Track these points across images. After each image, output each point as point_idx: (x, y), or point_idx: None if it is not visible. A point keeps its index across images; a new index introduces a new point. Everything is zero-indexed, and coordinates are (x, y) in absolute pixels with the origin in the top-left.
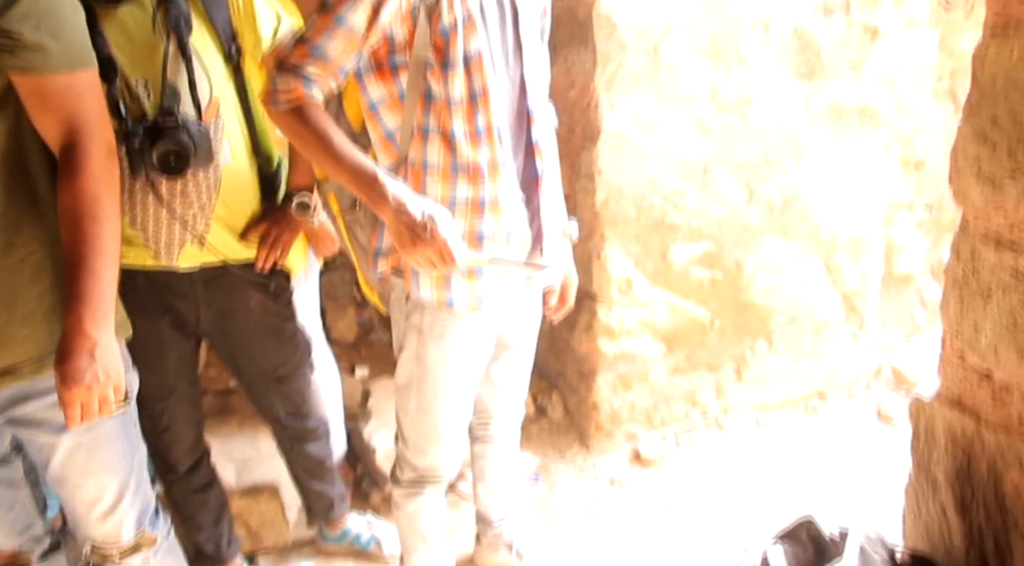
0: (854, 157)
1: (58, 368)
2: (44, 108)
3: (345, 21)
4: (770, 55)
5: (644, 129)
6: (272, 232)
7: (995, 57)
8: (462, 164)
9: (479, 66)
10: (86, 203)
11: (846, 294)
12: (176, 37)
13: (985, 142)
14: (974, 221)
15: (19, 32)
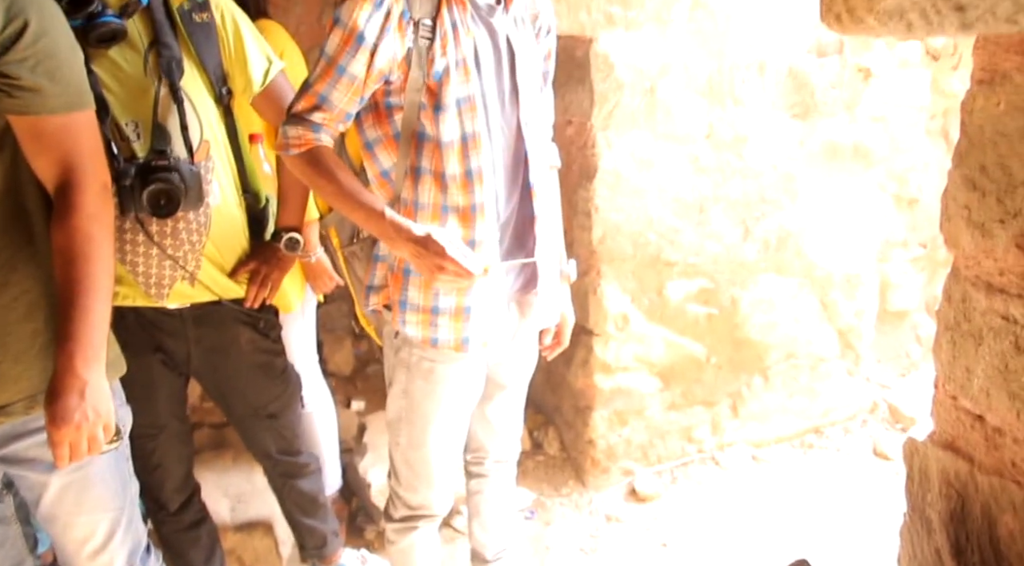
0: (849, 195)
1: (47, 407)
2: (40, 148)
3: (346, 70)
4: (765, 95)
5: (641, 167)
6: (261, 270)
7: (982, 107)
8: (452, 205)
9: (471, 109)
10: (80, 242)
11: (841, 330)
12: (168, 80)
13: (975, 189)
14: (965, 266)
15: (17, 75)
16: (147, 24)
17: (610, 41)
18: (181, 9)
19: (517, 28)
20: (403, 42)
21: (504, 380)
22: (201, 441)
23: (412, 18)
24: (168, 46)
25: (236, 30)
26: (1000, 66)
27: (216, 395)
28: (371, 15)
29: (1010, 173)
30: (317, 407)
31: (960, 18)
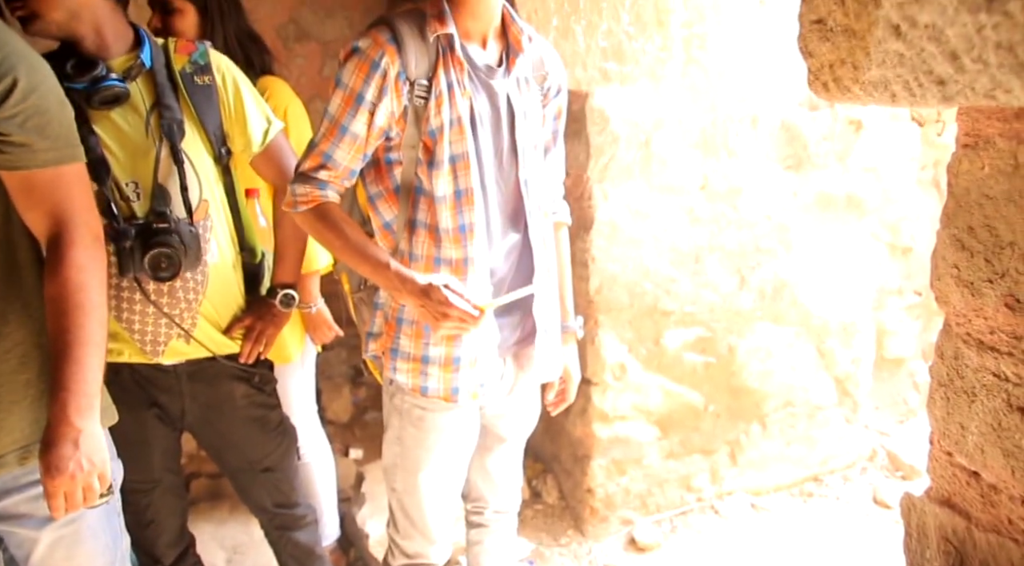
0: (843, 244)
1: (42, 457)
2: (32, 202)
3: (348, 129)
4: (758, 147)
5: (637, 218)
6: (256, 326)
7: (968, 170)
8: (445, 258)
9: (465, 167)
10: (71, 292)
11: (839, 378)
12: (169, 141)
13: (963, 249)
14: (956, 323)
15: (7, 131)
16: (149, 86)
17: (605, 96)
18: (183, 72)
19: (520, 89)
20: (400, 101)
21: (504, 432)
22: (198, 491)
23: (408, 78)
24: (170, 108)
25: (236, 92)
26: (983, 131)
27: (211, 450)
28: (369, 76)
29: (997, 234)
30: (316, 457)
31: (941, 91)
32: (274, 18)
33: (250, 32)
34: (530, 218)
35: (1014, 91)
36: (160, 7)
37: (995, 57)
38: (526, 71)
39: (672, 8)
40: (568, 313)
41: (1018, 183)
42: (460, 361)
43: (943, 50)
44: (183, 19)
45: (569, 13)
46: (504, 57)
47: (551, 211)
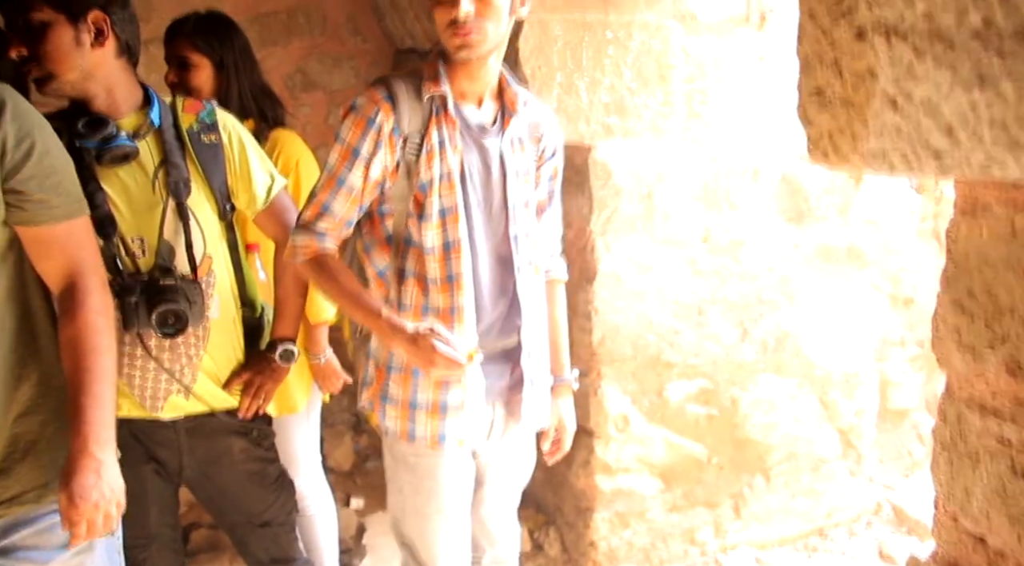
0: (844, 295)
1: (65, 487)
2: (48, 254)
3: (345, 182)
4: (760, 200)
5: (639, 270)
6: (255, 381)
7: (966, 236)
8: (433, 306)
9: (454, 220)
10: (89, 335)
11: (842, 430)
12: (175, 198)
13: (963, 313)
14: (958, 386)
15: (26, 190)
16: (158, 144)
17: (608, 150)
18: (191, 130)
19: (514, 149)
20: (393, 155)
21: (495, 479)
22: (197, 542)
23: (402, 133)
24: (177, 166)
25: (242, 150)
26: (981, 198)
27: (209, 504)
28: (365, 131)
29: (996, 299)
30: (319, 510)
31: (938, 163)
32: (282, 68)
33: (264, 87)
34: (519, 272)
35: (1009, 166)
36: (177, 62)
37: (989, 133)
38: (520, 132)
39: (674, 64)
40: (563, 366)
41: (1016, 249)
42: (447, 408)
43: (939, 124)
44: (199, 74)
45: (573, 70)
46: (499, 117)
47: (546, 267)
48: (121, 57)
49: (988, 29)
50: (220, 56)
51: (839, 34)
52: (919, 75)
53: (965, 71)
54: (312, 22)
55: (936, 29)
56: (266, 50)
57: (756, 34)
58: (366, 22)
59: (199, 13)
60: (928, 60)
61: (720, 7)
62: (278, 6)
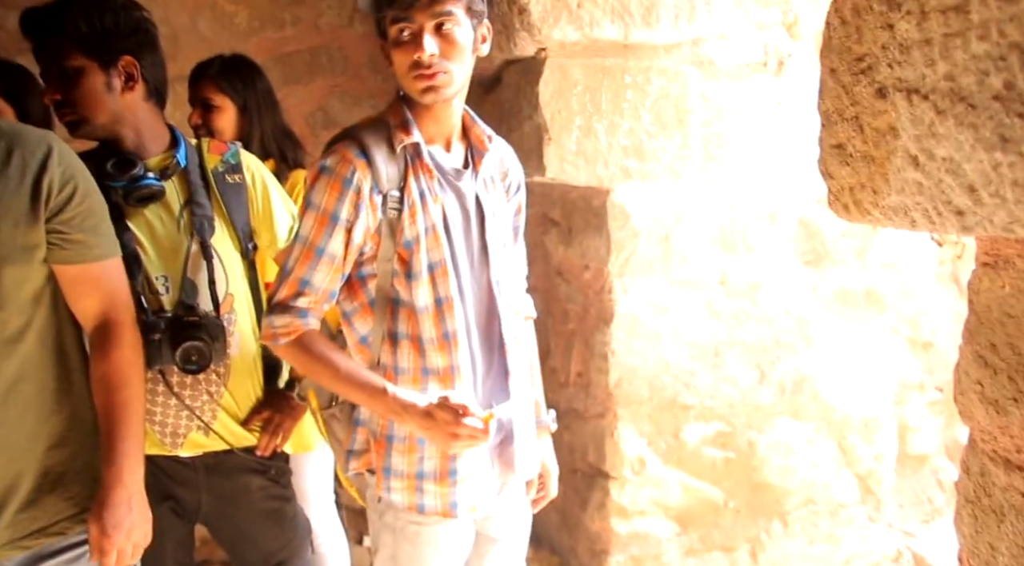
0: (863, 339)
1: (98, 518)
2: (84, 292)
3: (325, 251)
4: (777, 243)
5: (656, 312)
6: (274, 419)
7: (988, 288)
8: (432, 367)
9: (443, 274)
10: (123, 370)
11: (861, 475)
12: (199, 238)
13: (986, 366)
14: (981, 439)
15: (68, 231)
16: (183, 184)
17: (626, 192)
18: (215, 170)
19: (487, 188)
20: (375, 215)
21: (495, 534)
22: None
23: (381, 191)
24: (202, 205)
25: (265, 190)
26: (1002, 252)
27: (225, 542)
28: (343, 194)
29: (1020, 353)
30: (331, 548)
31: (960, 221)
32: (304, 106)
33: (285, 128)
34: (503, 319)
35: None
36: (201, 104)
37: (1012, 193)
38: (491, 170)
39: (692, 108)
40: (540, 407)
41: None
42: (456, 474)
43: (961, 183)
44: (223, 116)
45: (592, 113)
46: (470, 158)
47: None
48: (149, 100)
49: (1009, 92)
50: (243, 99)
51: (860, 91)
52: (940, 134)
53: (987, 132)
54: (334, 61)
55: (957, 90)
56: (288, 88)
57: (773, 80)
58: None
59: (224, 56)
60: (949, 120)
61: (738, 53)
62: (301, 46)
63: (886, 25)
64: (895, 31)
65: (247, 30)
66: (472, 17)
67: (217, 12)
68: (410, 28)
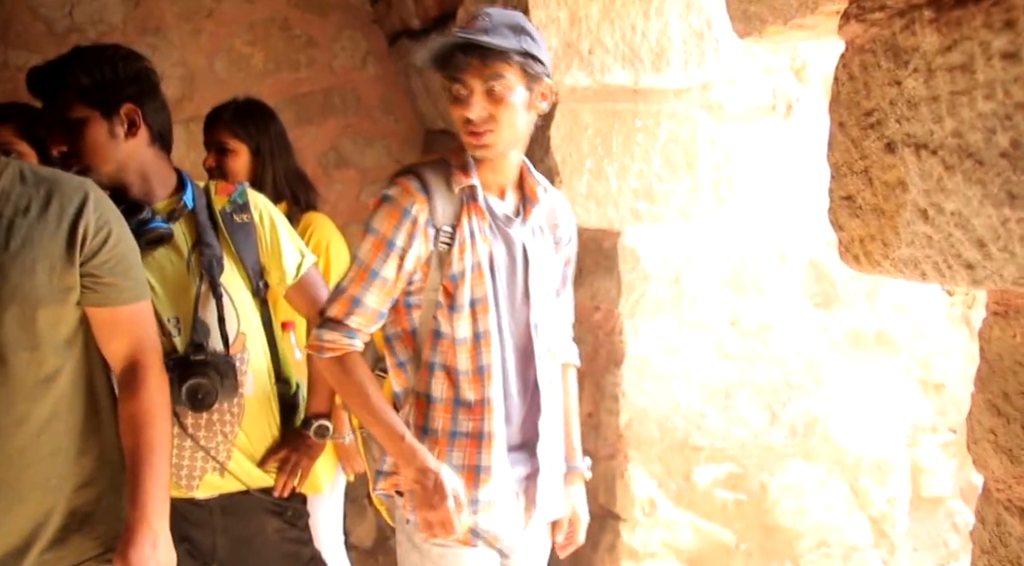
0: (874, 380)
1: (123, 557)
2: (115, 334)
3: (379, 274)
4: (787, 285)
5: (667, 354)
6: (292, 458)
7: (999, 337)
8: (464, 399)
9: (484, 310)
10: (149, 411)
11: (874, 518)
12: (208, 277)
13: (999, 415)
14: (996, 489)
15: (101, 274)
16: (191, 226)
17: (637, 234)
18: (223, 211)
19: (535, 237)
20: (427, 246)
21: None
22: None
23: (435, 225)
24: (210, 246)
25: (273, 228)
26: (1013, 302)
27: None
28: (400, 223)
29: None
30: None
31: (970, 275)
32: (317, 146)
33: (298, 171)
34: (539, 360)
35: None
36: (215, 148)
37: (1021, 249)
38: (540, 220)
39: (701, 152)
40: (576, 453)
41: None
42: (478, 503)
43: (970, 237)
44: (236, 159)
45: (603, 156)
46: (521, 207)
47: (560, 352)
48: (154, 145)
49: (1016, 150)
50: (257, 142)
51: (869, 145)
52: (949, 189)
53: (995, 188)
54: (347, 102)
55: (965, 146)
56: (301, 129)
57: (782, 123)
58: (399, 103)
59: (238, 101)
60: (958, 175)
61: (746, 97)
62: (315, 87)
63: (894, 82)
64: (903, 88)
65: (262, 71)
66: (526, 78)
67: (234, 54)
68: (464, 88)
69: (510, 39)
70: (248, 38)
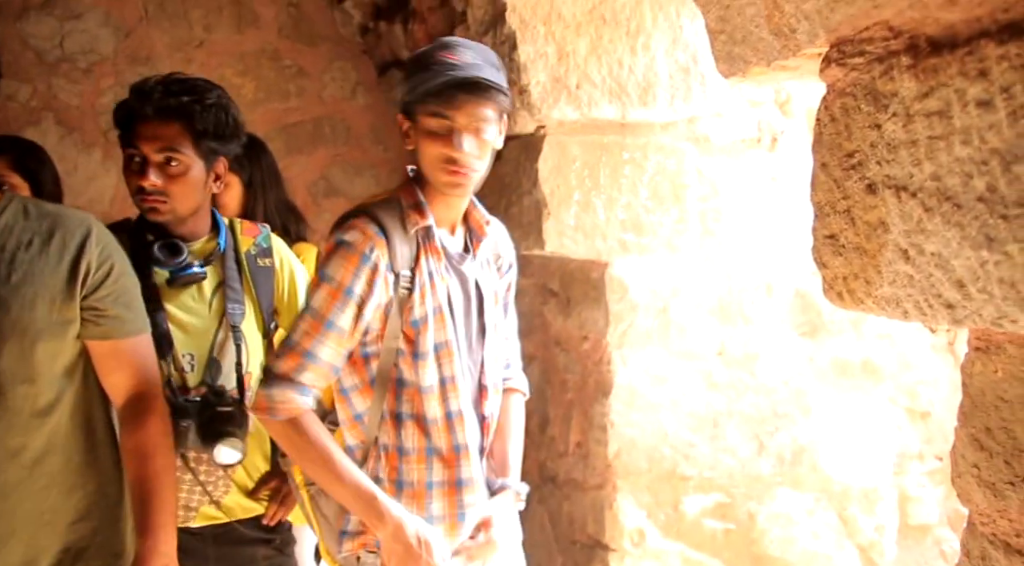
0: (861, 409)
1: None
2: (116, 367)
3: (335, 324)
4: (774, 314)
5: (655, 383)
6: (282, 489)
7: (981, 372)
8: (436, 447)
9: (448, 354)
10: (155, 442)
11: (862, 546)
12: (229, 320)
13: (982, 449)
14: (980, 522)
15: (103, 307)
16: (218, 267)
17: (624, 265)
18: (248, 253)
19: (483, 270)
20: (387, 293)
21: None
22: None
23: (394, 270)
24: (235, 290)
25: (292, 276)
26: (994, 337)
27: None
28: (359, 269)
29: (1015, 437)
30: None
31: (951, 314)
32: (306, 175)
33: (288, 203)
34: (488, 395)
35: (1020, 321)
36: None
37: (999, 290)
38: (487, 253)
39: (688, 184)
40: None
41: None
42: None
43: (950, 278)
44: (228, 192)
45: (590, 188)
46: (469, 241)
47: (505, 380)
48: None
49: (992, 194)
50: (249, 174)
51: (851, 186)
52: (929, 230)
53: (973, 231)
54: (336, 132)
55: (943, 189)
56: (291, 158)
57: (768, 155)
58: (388, 132)
59: None
60: (937, 217)
61: (733, 130)
62: (305, 117)
63: (874, 125)
64: (883, 131)
65: (253, 101)
66: (500, 117)
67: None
68: (451, 123)
69: (498, 77)
70: (239, 68)
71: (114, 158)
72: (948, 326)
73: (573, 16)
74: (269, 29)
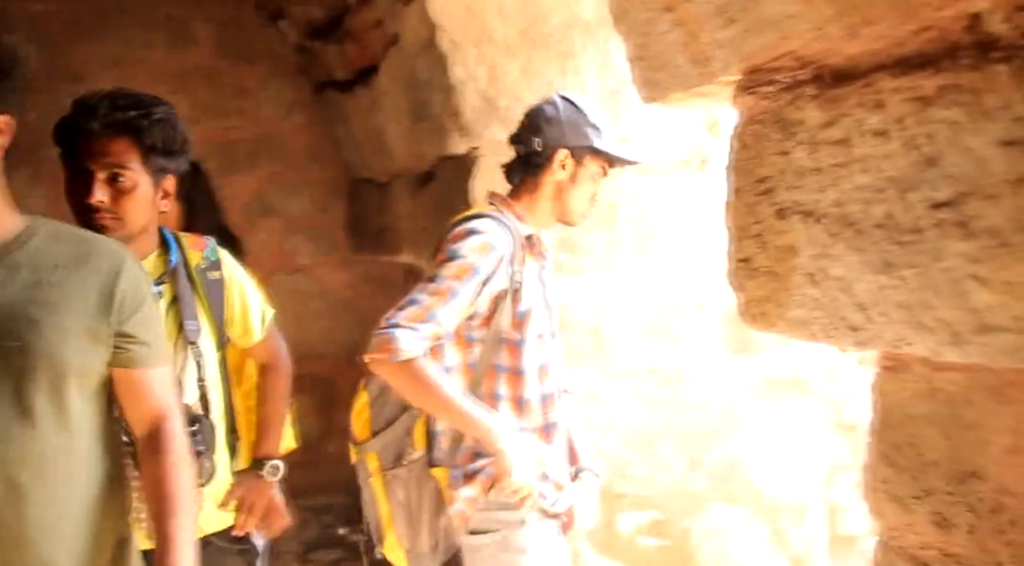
0: (790, 424)
1: None
2: (141, 396)
3: (458, 294)
4: (705, 332)
5: (589, 401)
6: (248, 499)
7: (890, 390)
8: (531, 425)
9: (545, 343)
10: (176, 473)
11: (795, 558)
12: (186, 336)
13: (891, 465)
14: (890, 537)
15: (135, 334)
16: (171, 284)
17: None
18: (199, 267)
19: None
20: (504, 281)
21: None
22: None
23: (510, 264)
24: (189, 305)
25: (242, 288)
26: (902, 357)
27: None
28: (489, 254)
29: (921, 453)
30: None
31: (855, 336)
32: (242, 196)
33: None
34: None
35: (916, 344)
36: None
37: (897, 314)
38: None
39: (620, 203)
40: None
41: (937, 406)
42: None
43: (854, 302)
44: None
45: None
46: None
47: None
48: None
49: (889, 221)
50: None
51: (762, 211)
52: (833, 255)
53: (872, 256)
54: (272, 151)
55: (846, 216)
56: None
57: (698, 175)
58: (325, 151)
59: None
60: (840, 243)
61: (665, 152)
62: (243, 135)
63: (782, 152)
64: (791, 158)
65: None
66: None
67: None
68: (603, 176)
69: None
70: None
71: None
72: (853, 348)
73: (504, 39)
74: (205, 46)
